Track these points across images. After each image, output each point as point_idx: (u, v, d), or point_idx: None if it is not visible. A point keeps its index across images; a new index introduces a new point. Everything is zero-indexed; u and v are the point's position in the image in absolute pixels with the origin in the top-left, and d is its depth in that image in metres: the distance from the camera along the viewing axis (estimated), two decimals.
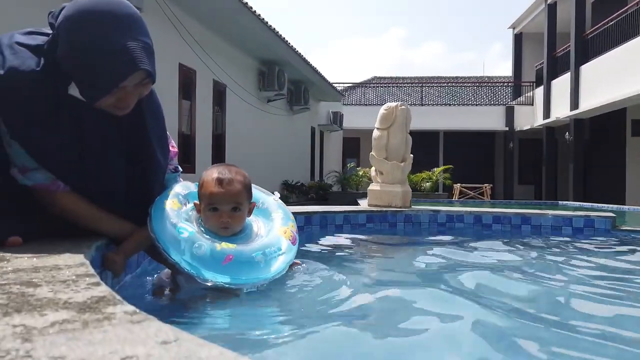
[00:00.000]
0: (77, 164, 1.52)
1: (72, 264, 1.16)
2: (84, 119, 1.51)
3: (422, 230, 3.90)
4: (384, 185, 4.20)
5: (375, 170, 4.29)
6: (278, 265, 1.58)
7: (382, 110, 4.20)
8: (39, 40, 1.48)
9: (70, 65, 1.41)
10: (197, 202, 1.66)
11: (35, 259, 1.21)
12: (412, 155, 4.30)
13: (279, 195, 1.94)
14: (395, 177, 4.14)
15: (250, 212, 1.71)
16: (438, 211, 3.94)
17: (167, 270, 1.77)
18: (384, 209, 3.97)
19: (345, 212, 3.74)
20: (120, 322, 0.69)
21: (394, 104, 4.18)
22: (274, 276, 1.56)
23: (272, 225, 1.74)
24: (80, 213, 1.56)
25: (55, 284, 0.93)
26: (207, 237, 1.54)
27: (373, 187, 4.29)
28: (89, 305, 0.78)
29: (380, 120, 4.19)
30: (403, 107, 4.15)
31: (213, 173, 1.64)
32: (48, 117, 1.46)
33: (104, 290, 0.89)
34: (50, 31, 1.48)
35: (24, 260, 1.17)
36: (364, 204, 8.62)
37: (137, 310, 0.75)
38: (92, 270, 1.08)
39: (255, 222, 1.75)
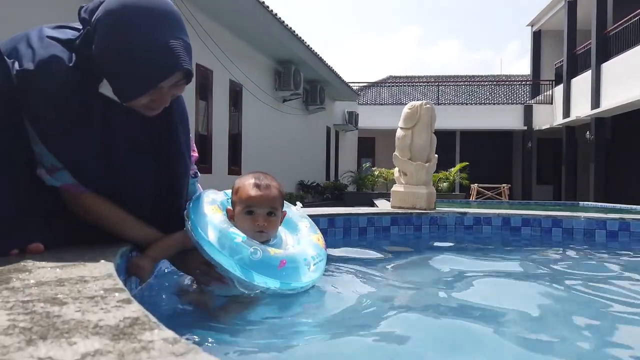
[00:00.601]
0: (103, 166, 1.44)
1: (99, 275, 1.07)
2: (113, 120, 1.43)
3: (447, 234, 3.77)
4: (407, 186, 4.08)
5: (399, 171, 4.17)
6: (319, 270, 1.60)
7: (406, 109, 4.08)
8: (69, 34, 1.41)
9: (108, 62, 1.33)
10: (229, 208, 1.63)
11: (58, 269, 1.12)
12: (436, 155, 4.17)
13: (301, 206, 1.92)
14: (420, 178, 4.02)
15: (281, 221, 1.68)
16: (465, 213, 3.81)
17: (187, 278, 1.71)
18: (409, 211, 3.86)
19: (369, 214, 3.64)
20: (162, 354, 0.59)
21: (418, 102, 4.06)
22: (314, 282, 1.56)
23: (301, 233, 1.74)
24: (106, 215, 1.49)
25: (83, 301, 0.84)
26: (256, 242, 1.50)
27: (397, 188, 4.17)
28: (123, 330, 0.69)
29: (404, 120, 4.07)
30: (428, 105, 4.02)
31: (249, 178, 1.62)
32: (77, 116, 1.39)
33: (136, 309, 0.80)
34: (78, 26, 1.41)
35: (47, 271, 1.09)
36: (380, 204, 8.48)
37: (178, 337, 0.65)
38: (120, 283, 0.99)
39: (281, 231, 1.74)
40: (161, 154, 1.54)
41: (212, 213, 1.52)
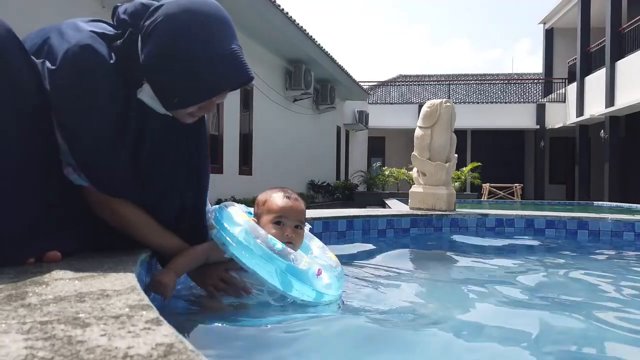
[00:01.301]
0: (131, 177, 1.36)
1: (121, 288, 0.99)
2: (147, 128, 1.36)
3: (469, 236, 3.66)
4: (427, 187, 3.97)
5: (418, 171, 4.07)
6: (342, 282, 1.55)
7: (425, 107, 3.97)
8: (106, 29, 1.34)
9: (165, 69, 1.26)
10: (253, 219, 1.56)
11: (77, 281, 1.04)
12: (456, 155, 4.06)
13: (309, 227, 1.87)
14: (440, 179, 3.91)
15: None
16: (486, 215, 3.69)
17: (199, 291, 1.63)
18: (428, 212, 3.75)
19: (388, 215, 3.53)
20: None
21: (437, 100, 3.95)
22: (340, 295, 1.52)
23: (315, 252, 1.69)
24: (132, 219, 1.40)
25: (107, 322, 0.75)
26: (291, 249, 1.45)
27: (415, 188, 4.06)
28: None
29: (423, 118, 3.96)
30: (448, 104, 3.91)
31: (276, 191, 1.59)
32: (114, 121, 1.30)
33: (168, 332, 0.70)
34: (110, 22, 1.35)
35: (65, 284, 1.01)
36: (392, 204, 8.38)
37: None
38: (145, 299, 0.90)
39: None
40: (192, 167, 1.48)
41: (246, 220, 1.45)
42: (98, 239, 1.44)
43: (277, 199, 1.56)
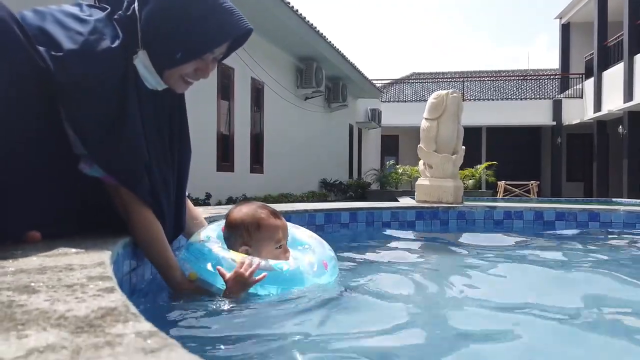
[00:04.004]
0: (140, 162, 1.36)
1: (89, 263, 0.96)
2: (142, 102, 1.34)
3: (476, 229, 3.58)
4: (433, 179, 3.91)
5: (424, 164, 4.00)
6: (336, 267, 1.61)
7: (431, 99, 3.91)
8: (101, 12, 1.32)
9: (167, 21, 1.27)
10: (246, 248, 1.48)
11: (47, 257, 1.02)
12: (464, 147, 3.99)
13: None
14: (446, 171, 3.84)
15: None
16: (494, 207, 3.62)
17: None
18: (435, 205, 3.69)
19: (392, 208, 3.48)
20: (128, 351, 0.47)
21: (444, 91, 3.88)
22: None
23: (311, 241, 1.68)
24: (142, 218, 1.35)
25: (58, 290, 0.72)
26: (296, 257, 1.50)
27: (421, 181, 4.00)
28: (91, 321, 0.57)
29: (429, 110, 3.90)
30: (454, 94, 3.85)
31: (259, 211, 1.50)
32: (120, 106, 1.28)
33: (116, 299, 0.68)
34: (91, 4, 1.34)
35: (33, 259, 0.99)
36: (404, 202, 8.29)
37: (155, 331, 0.53)
38: (109, 272, 0.87)
39: None
40: (173, 148, 1.46)
41: (230, 254, 1.38)
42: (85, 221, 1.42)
43: (271, 220, 1.48)
